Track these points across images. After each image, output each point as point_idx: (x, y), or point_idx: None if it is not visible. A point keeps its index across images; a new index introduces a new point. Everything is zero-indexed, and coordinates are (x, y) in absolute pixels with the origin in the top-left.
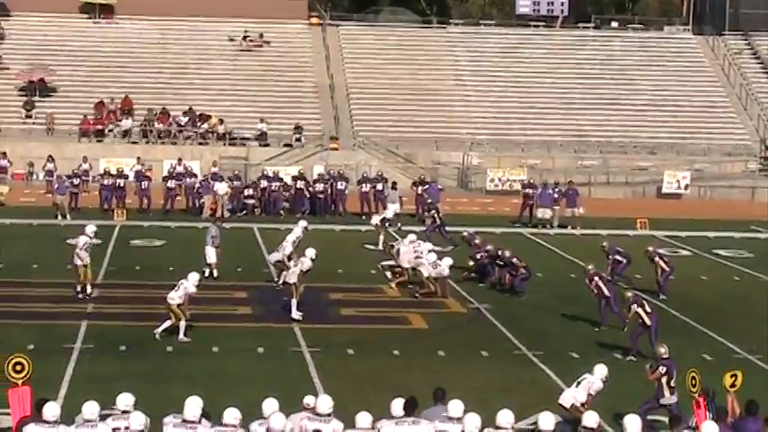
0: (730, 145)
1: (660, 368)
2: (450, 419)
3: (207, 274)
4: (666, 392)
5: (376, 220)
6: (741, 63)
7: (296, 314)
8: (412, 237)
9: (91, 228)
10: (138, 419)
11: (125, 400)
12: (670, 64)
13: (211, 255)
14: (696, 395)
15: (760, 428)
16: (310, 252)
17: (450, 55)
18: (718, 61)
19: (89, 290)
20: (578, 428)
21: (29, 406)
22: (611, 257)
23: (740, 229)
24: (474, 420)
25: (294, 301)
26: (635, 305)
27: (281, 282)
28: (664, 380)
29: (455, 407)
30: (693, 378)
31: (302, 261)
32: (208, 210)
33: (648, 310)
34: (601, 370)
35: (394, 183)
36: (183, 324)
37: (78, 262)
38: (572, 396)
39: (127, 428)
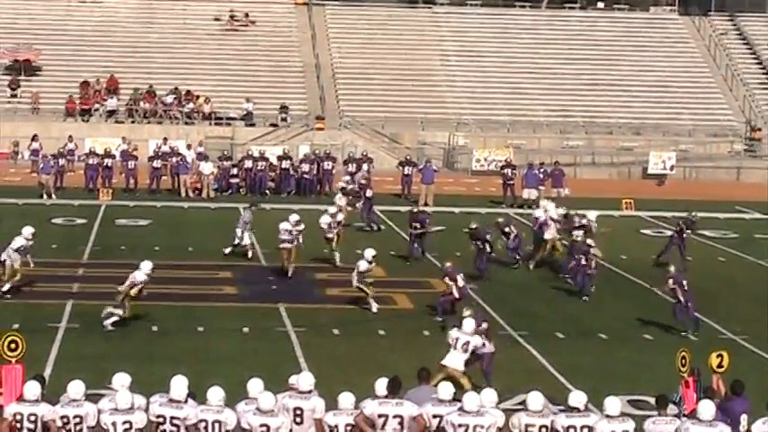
0: (716, 126)
1: (483, 324)
2: (441, 402)
3: (228, 251)
4: (487, 342)
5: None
6: (727, 44)
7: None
8: (548, 204)
9: (28, 229)
10: (125, 398)
11: (120, 380)
12: (656, 44)
13: (244, 236)
14: (686, 375)
15: (747, 409)
16: (369, 253)
17: (435, 35)
18: (703, 42)
19: (5, 287)
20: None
21: (21, 384)
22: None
23: (725, 210)
24: (491, 396)
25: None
26: (446, 278)
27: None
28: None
29: (445, 389)
30: (684, 358)
31: (359, 263)
32: (191, 188)
33: (461, 283)
34: (469, 324)
35: (360, 161)
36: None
37: (7, 261)
38: (462, 360)
39: (115, 409)
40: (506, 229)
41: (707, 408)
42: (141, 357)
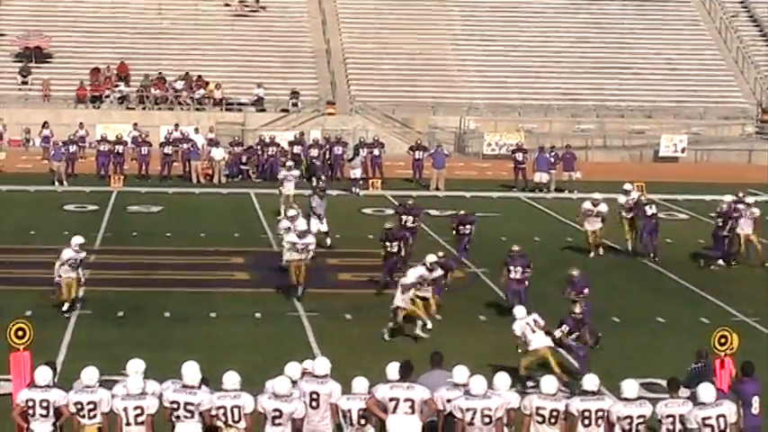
0: (727, 108)
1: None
2: (455, 386)
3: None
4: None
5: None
6: (738, 26)
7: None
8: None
9: (77, 239)
10: (136, 383)
11: (135, 366)
12: (666, 27)
13: (314, 224)
14: (723, 354)
15: (758, 390)
16: (429, 258)
17: (446, 19)
18: (714, 24)
19: (64, 307)
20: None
21: (29, 371)
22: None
23: (745, 192)
24: (504, 379)
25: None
26: None
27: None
28: None
29: (460, 373)
30: (724, 337)
31: (409, 272)
32: (202, 175)
33: None
34: (520, 311)
35: (356, 147)
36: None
37: (57, 277)
38: (546, 337)
39: (127, 395)
40: (461, 229)
41: (707, 391)
42: (154, 344)
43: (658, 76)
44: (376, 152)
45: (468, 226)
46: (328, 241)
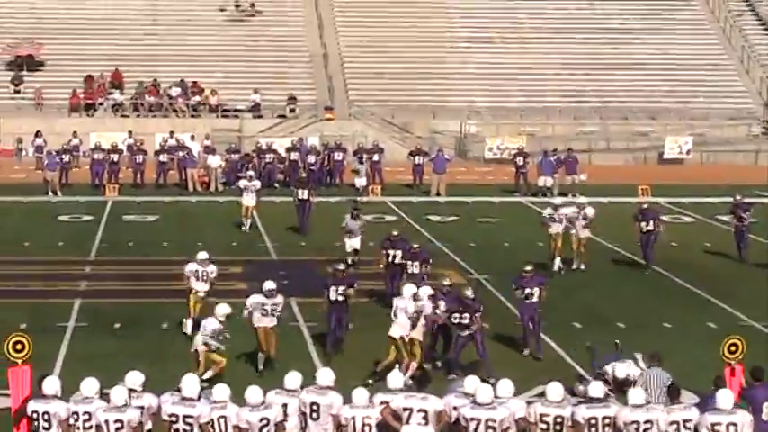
0: (733, 109)
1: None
2: (466, 395)
3: (350, 261)
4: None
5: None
6: (743, 25)
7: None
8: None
9: (223, 308)
10: (120, 395)
11: (133, 378)
12: (670, 26)
13: (351, 243)
14: (733, 362)
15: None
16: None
17: (445, 21)
18: (719, 24)
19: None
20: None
21: (29, 385)
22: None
23: (744, 195)
24: (507, 386)
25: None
26: None
27: None
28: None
29: (470, 383)
30: (734, 345)
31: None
32: (199, 183)
33: None
34: (408, 289)
35: (359, 153)
36: None
37: (200, 347)
38: (405, 327)
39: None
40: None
41: (726, 397)
42: (151, 355)
43: (662, 77)
44: (375, 158)
45: (416, 263)
46: (355, 259)
